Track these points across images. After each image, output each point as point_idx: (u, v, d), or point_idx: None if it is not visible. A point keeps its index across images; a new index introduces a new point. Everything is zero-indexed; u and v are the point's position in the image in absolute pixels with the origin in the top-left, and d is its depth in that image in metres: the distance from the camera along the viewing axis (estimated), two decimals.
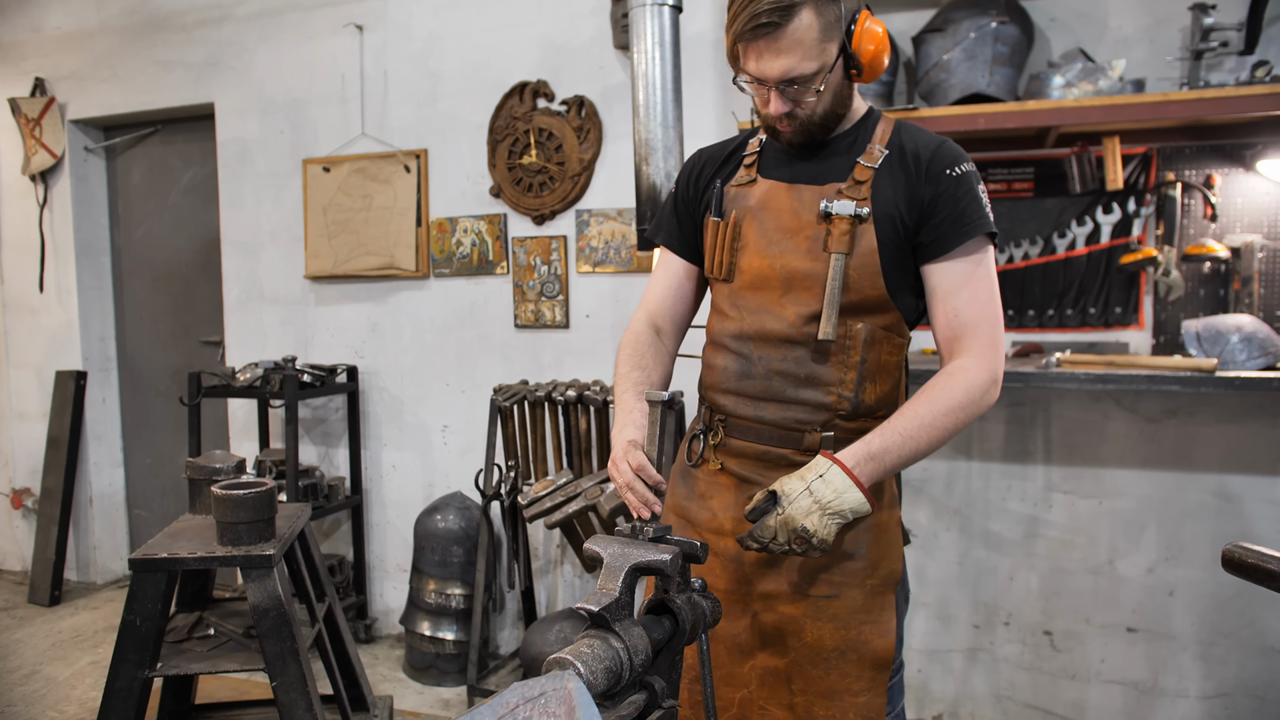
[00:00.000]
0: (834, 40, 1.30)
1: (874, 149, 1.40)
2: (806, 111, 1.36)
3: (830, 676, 1.39)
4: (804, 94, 1.32)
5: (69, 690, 3.28)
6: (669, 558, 1.17)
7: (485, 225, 3.53)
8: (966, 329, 1.34)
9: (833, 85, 1.34)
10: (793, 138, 1.40)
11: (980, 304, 1.35)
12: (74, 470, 4.30)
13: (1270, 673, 2.69)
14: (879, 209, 1.36)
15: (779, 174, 1.46)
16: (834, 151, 1.43)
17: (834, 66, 1.31)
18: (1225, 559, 1.19)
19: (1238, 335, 2.40)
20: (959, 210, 1.34)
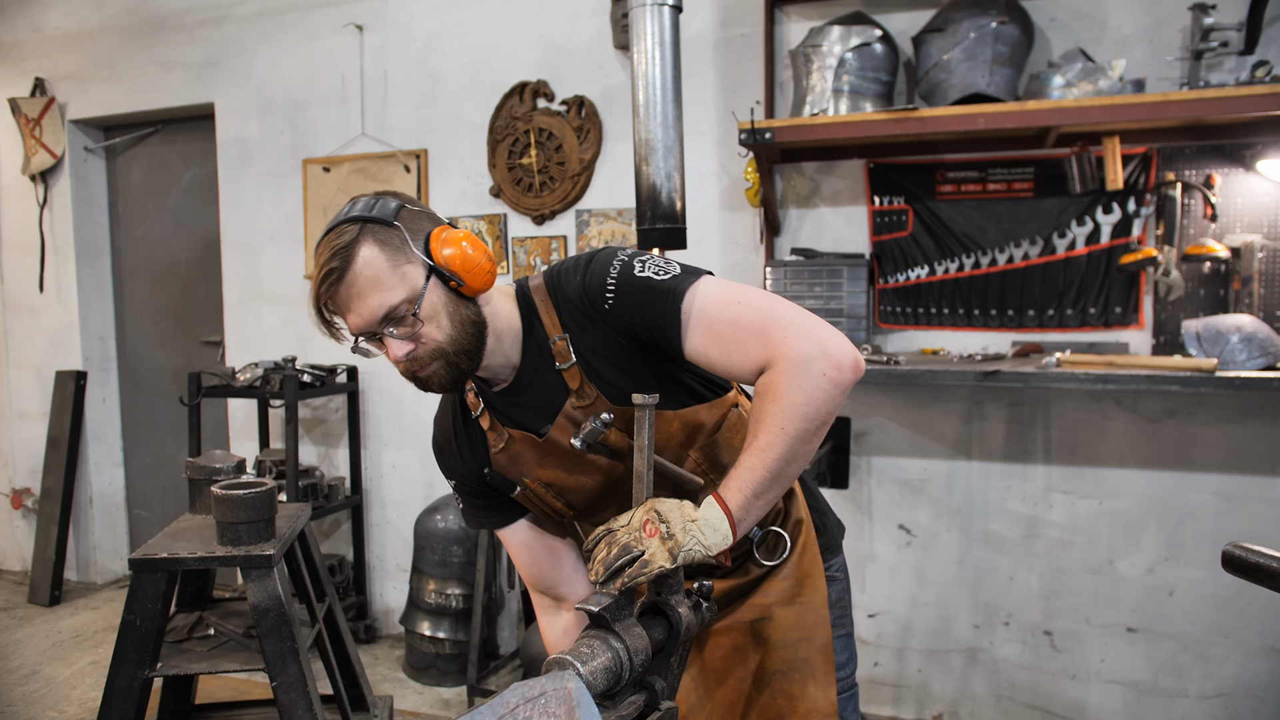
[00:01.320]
0: (411, 261, 1.20)
1: (557, 343, 1.29)
2: (430, 346, 1.23)
3: (777, 700, 1.37)
4: (411, 326, 1.21)
5: (69, 690, 3.28)
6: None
7: (485, 225, 3.53)
8: (752, 364, 1.19)
9: (442, 307, 1.22)
10: (442, 380, 1.27)
11: (729, 338, 1.19)
12: (74, 470, 4.30)
13: (1270, 673, 2.69)
14: (614, 386, 1.28)
15: (519, 424, 1.37)
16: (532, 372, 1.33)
17: (425, 287, 1.21)
18: (1225, 559, 1.19)
19: (1238, 335, 2.40)
20: (649, 316, 1.23)
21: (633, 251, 1.29)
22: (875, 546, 3.06)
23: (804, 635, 1.37)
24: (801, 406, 1.14)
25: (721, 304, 1.21)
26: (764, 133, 2.66)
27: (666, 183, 2.61)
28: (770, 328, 1.17)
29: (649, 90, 2.60)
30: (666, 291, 1.22)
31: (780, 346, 1.16)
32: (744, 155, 2.98)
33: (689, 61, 3.03)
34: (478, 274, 1.23)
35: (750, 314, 1.19)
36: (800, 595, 1.39)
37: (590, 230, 3.36)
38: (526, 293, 1.34)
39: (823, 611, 1.38)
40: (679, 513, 1.16)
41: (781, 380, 1.15)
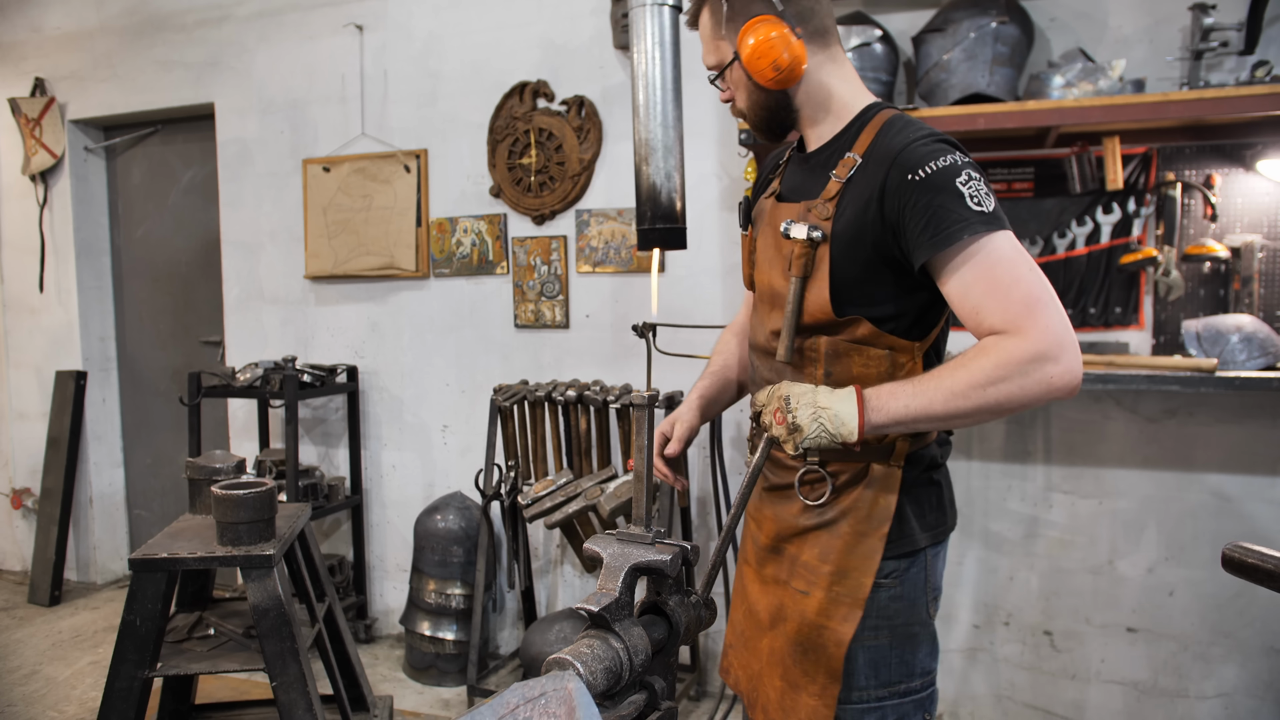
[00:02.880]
0: (725, 39, 1.41)
1: (849, 158, 1.35)
2: (738, 104, 1.46)
3: (796, 669, 1.42)
4: (724, 86, 1.47)
5: (69, 690, 3.29)
6: (668, 558, 1.17)
7: (485, 225, 3.53)
8: (991, 316, 1.20)
9: (742, 85, 1.42)
10: (756, 133, 1.49)
11: (1002, 292, 1.20)
12: (74, 470, 4.31)
13: (1270, 673, 2.69)
14: (841, 226, 1.32)
15: (785, 186, 1.51)
16: (820, 161, 1.42)
17: (731, 64, 1.41)
18: (1225, 559, 1.19)
19: (1238, 335, 2.40)
20: (930, 219, 1.23)
21: (970, 163, 1.27)
22: None
23: (828, 625, 1.38)
24: (1009, 392, 1.16)
25: (1011, 264, 1.21)
26: None
27: (666, 183, 2.60)
28: (1039, 308, 1.18)
29: (649, 90, 2.59)
30: (965, 219, 1.21)
31: (1034, 329, 1.16)
32: (744, 155, 2.98)
33: (689, 61, 3.01)
34: (765, 73, 1.35)
35: (1016, 283, 1.19)
36: (838, 585, 1.38)
37: (590, 230, 3.36)
38: (874, 110, 1.40)
39: (854, 611, 1.37)
40: (809, 399, 1.23)
41: (1013, 354, 1.16)
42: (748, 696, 1.53)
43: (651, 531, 1.21)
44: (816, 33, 1.39)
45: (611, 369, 3.37)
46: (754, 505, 1.57)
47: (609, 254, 3.35)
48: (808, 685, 1.40)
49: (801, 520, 1.44)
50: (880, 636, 1.40)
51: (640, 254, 3.26)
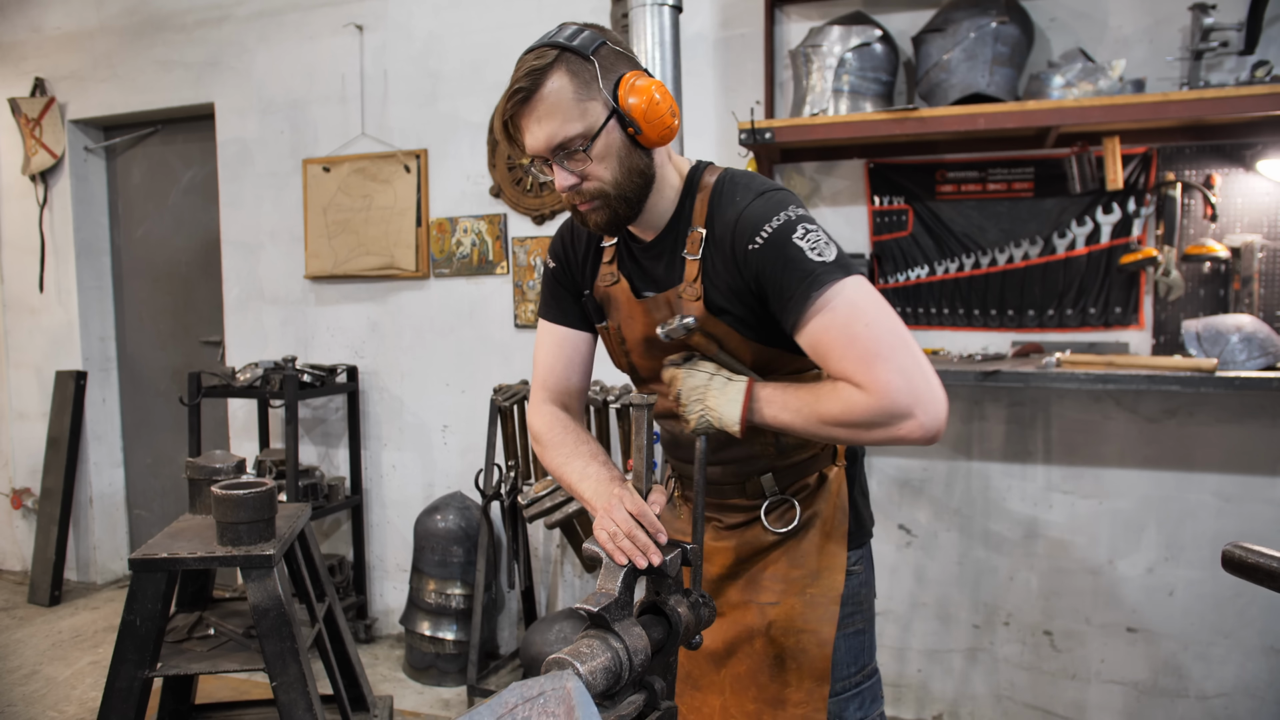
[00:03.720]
0: (595, 99, 1.24)
1: (694, 233, 1.31)
2: (594, 184, 1.27)
3: (773, 685, 1.41)
4: (581, 162, 1.26)
5: (69, 690, 3.29)
6: (668, 559, 1.17)
7: (485, 225, 3.53)
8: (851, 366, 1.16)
9: (614, 151, 1.26)
10: (599, 220, 1.31)
11: (858, 347, 1.16)
12: (74, 470, 4.31)
13: (1270, 673, 2.69)
14: (719, 296, 1.30)
15: (635, 279, 1.42)
16: (666, 245, 1.36)
17: (603, 128, 1.24)
18: (1225, 559, 1.19)
19: (1238, 335, 2.40)
20: (780, 283, 1.21)
21: (803, 214, 1.24)
22: (875, 546, 3.04)
23: (807, 628, 1.39)
24: (859, 436, 1.18)
25: (850, 317, 1.17)
26: (764, 133, 2.66)
27: None
28: (878, 364, 1.14)
29: None
30: (808, 275, 1.19)
31: (874, 385, 1.13)
32: (744, 155, 2.98)
33: (689, 61, 3.03)
34: (657, 126, 1.25)
35: (869, 339, 1.15)
36: (812, 587, 1.41)
37: None
38: (697, 175, 1.36)
39: (832, 608, 1.40)
40: (699, 398, 1.26)
41: (858, 407, 1.15)
42: None
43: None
44: None
45: (611, 369, 3.37)
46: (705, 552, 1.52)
47: None
48: (791, 695, 1.39)
49: (766, 537, 1.46)
50: (857, 622, 1.45)
51: None
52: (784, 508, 1.45)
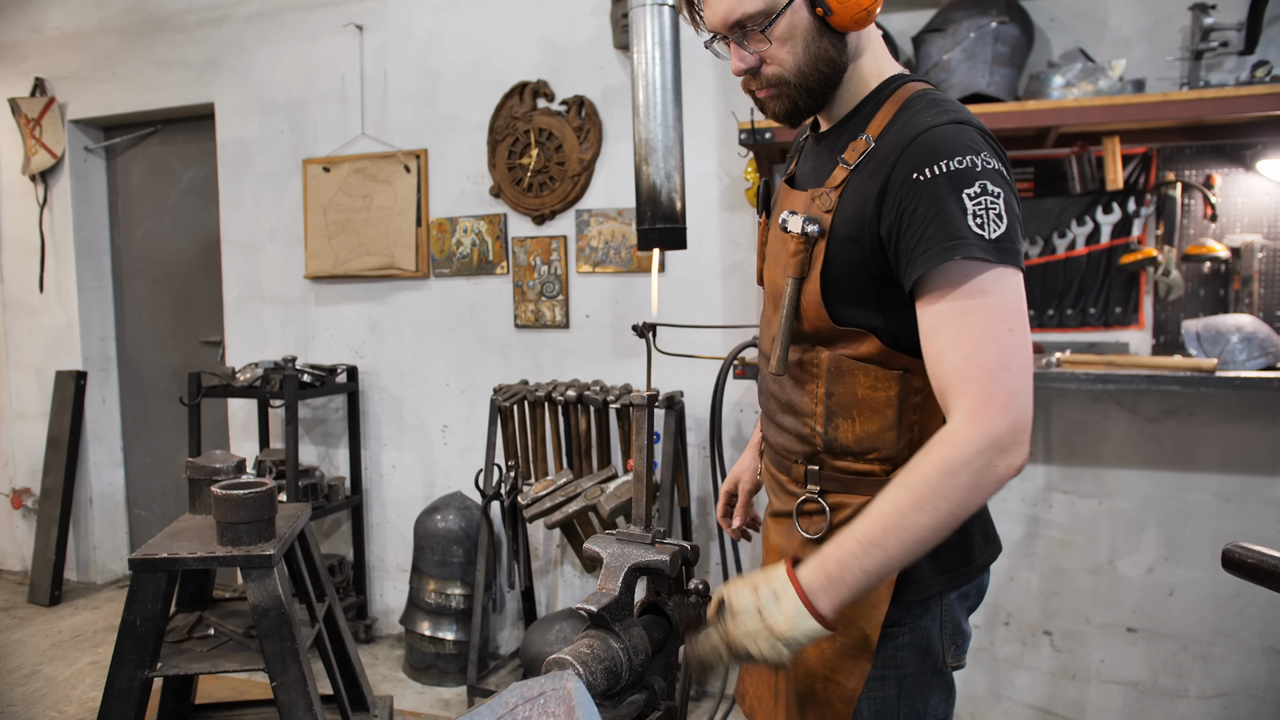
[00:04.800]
0: None
1: (860, 141, 1.15)
2: (774, 68, 1.14)
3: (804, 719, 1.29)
4: (760, 43, 1.12)
5: (69, 690, 3.28)
6: (668, 558, 1.17)
7: (485, 225, 3.53)
8: (953, 381, 1.03)
9: (800, 33, 1.11)
10: (776, 108, 1.18)
11: (969, 346, 1.02)
12: (74, 470, 4.30)
13: (1270, 673, 2.69)
14: (841, 221, 1.14)
15: (799, 170, 1.31)
16: (832, 142, 1.23)
17: (788, 6, 1.10)
18: (1225, 559, 1.19)
19: (1238, 335, 2.40)
20: (924, 229, 1.04)
21: (991, 170, 1.06)
22: None
23: (833, 678, 1.23)
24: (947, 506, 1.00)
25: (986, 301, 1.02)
26: (764, 133, 2.66)
27: (666, 183, 2.61)
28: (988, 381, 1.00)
29: (649, 90, 2.60)
30: (956, 237, 1.01)
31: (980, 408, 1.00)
32: (744, 155, 2.98)
33: (689, 61, 3.02)
34: (852, 6, 1.09)
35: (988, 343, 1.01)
36: (842, 635, 1.21)
37: (590, 230, 3.36)
38: (897, 83, 1.19)
39: (862, 664, 1.21)
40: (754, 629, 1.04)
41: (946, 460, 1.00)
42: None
43: (651, 531, 1.21)
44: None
45: (611, 369, 3.37)
46: (765, 529, 1.43)
47: (609, 254, 3.35)
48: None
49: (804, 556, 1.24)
50: (887, 688, 1.24)
51: (640, 254, 3.26)
52: (817, 511, 1.26)
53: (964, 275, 1.02)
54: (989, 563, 1.29)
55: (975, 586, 1.28)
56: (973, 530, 1.27)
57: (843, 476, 1.22)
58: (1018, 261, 1.04)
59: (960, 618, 1.26)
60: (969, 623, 1.30)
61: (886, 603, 1.20)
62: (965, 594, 1.26)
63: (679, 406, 3.03)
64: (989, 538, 1.31)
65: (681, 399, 3.07)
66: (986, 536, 1.31)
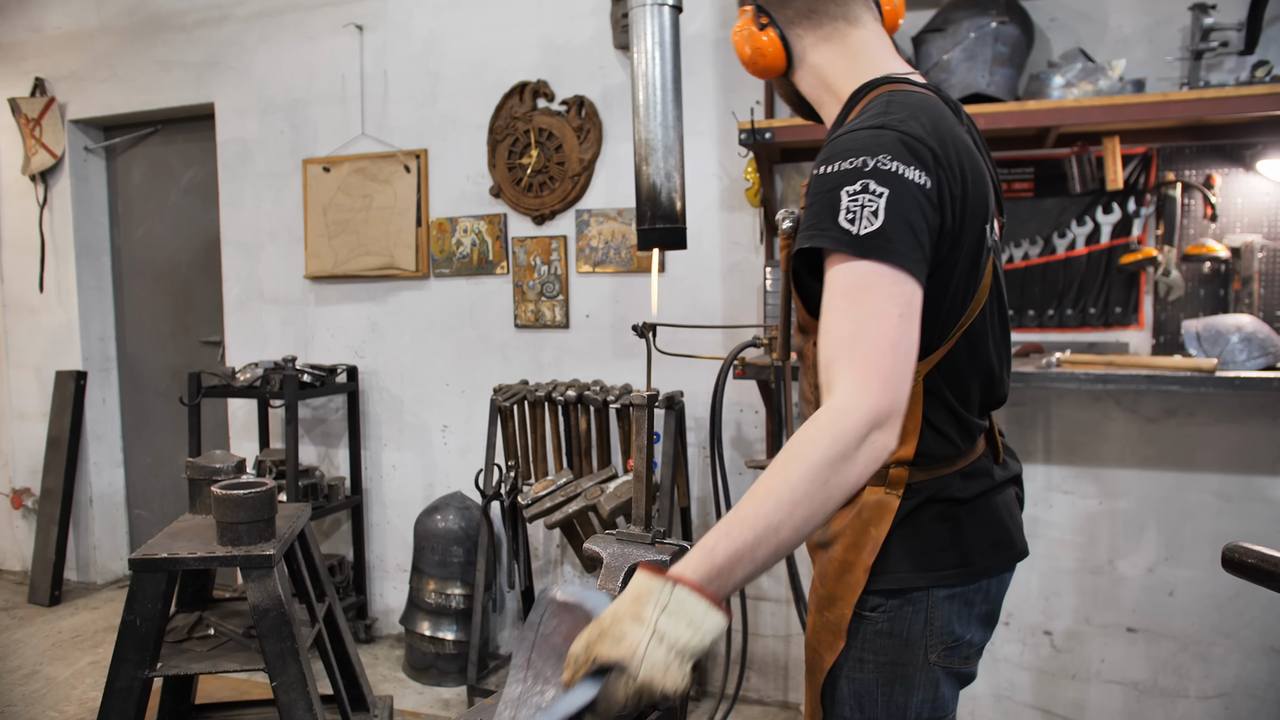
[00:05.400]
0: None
1: None
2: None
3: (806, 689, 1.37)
4: None
5: (69, 690, 3.28)
6: (667, 558, 1.17)
7: (485, 225, 3.53)
8: (832, 362, 1.03)
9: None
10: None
11: (841, 330, 1.03)
12: (74, 470, 4.30)
13: (1270, 673, 2.69)
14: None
15: None
16: None
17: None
18: (1225, 559, 1.19)
19: (1238, 335, 2.39)
20: (808, 218, 1.10)
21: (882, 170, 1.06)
22: None
23: (818, 649, 1.29)
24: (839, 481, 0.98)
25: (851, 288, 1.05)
26: (764, 133, 2.66)
27: (666, 183, 2.60)
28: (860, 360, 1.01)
29: (649, 90, 2.59)
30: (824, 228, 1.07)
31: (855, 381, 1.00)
32: (744, 155, 2.98)
33: (689, 61, 3.03)
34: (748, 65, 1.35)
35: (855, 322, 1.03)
36: (827, 610, 1.28)
37: (590, 230, 3.36)
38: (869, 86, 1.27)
39: (836, 640, 1.25)
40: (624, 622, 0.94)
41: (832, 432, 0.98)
42: None
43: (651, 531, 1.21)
44: (803, 14, 1.29)
45: (611, 369, 3.37)
46: None
47: (609, 254, 3.35)
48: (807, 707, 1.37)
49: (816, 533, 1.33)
50: (865, 670, 1.26)
51: (640, 254, 3.26)
52: None
53: (837, 266, 1.06)
54: (997, 570, 1.27)
55: (978, 592, 1.26)
56: (970, 533, 1.26)
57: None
58: (887, 258, 1.04)
59: (953, 619, 1.25)
60: (978, 630, 1.28)
61: (862, 585, 1.22)
62: (962, 596, 1.25)
63: (679, 406, 3.03)
64: (1000, 545, 1.28)
65: (681, 399, 3.07)
66: (996, 544, 1.28)
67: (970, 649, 1.29)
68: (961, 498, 1.25)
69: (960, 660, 1.28)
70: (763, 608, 3.20)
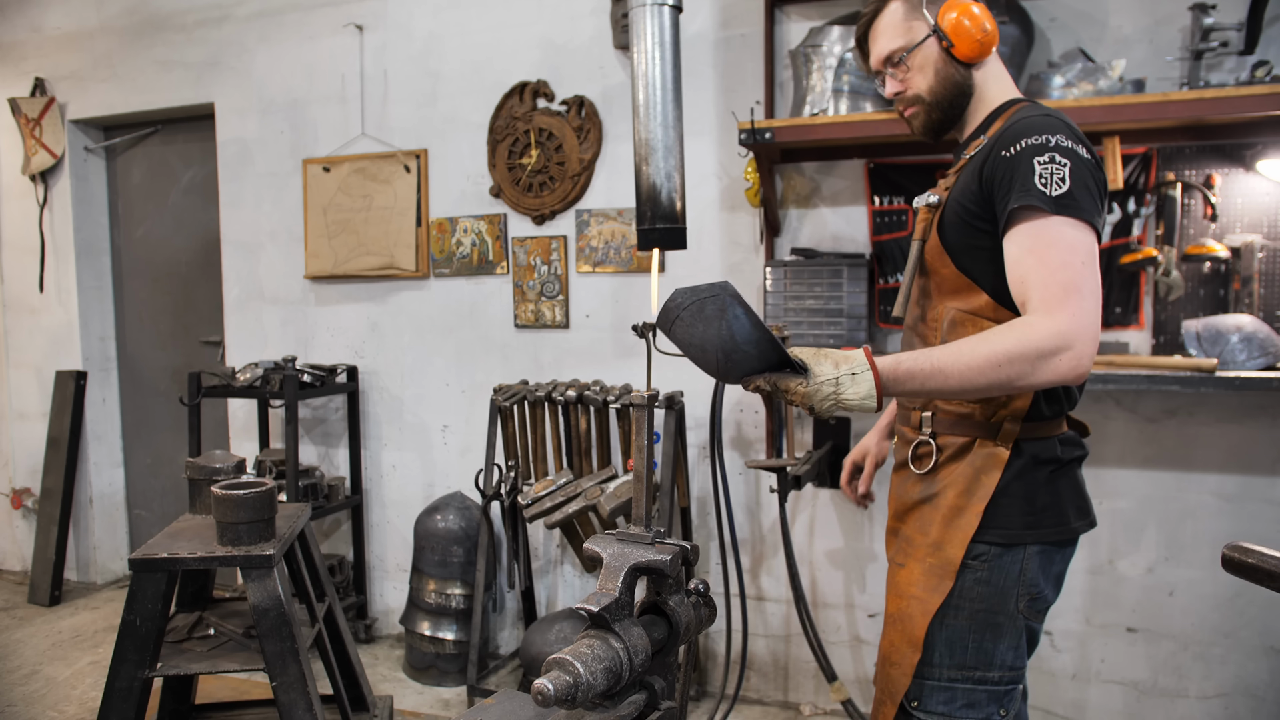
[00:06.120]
0: (919, 19, 1.49)
1: (980, 140, 1.47)
2: (911, 90, 1.52)
3: (885, 640, 1.50)
4: (900, 71, 1.52)
5: (69, 690, 3.28)
6: (668, 558, 1.17)
7: (485, 225, 3.53)
8: (1032, 290, 1.29)
9: (931, 63, 1.49)
10: (916, 124, 1.55)
11: (1048, 268, 1.28)
12: (74, 470, 4.30)
13: (1270, 673, 2.69)
14: (955, 194, 1.45)
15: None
16: (965, 146, 1.55)
17: (923, 42, 1.49)
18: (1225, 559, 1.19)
19: (1238, 335, 2.39)
20: (1007, 188, 1.34)
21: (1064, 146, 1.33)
22: (875, 547, 3.06)
23: (916, 595, 1.45)
24: (1020, 372, 1.23)
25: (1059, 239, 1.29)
26: (764, 133, 2.66)
27: (666, 183, 2.60)
28: (1074, 296, 1.26)
29: (649, 90, 2.59)
30: (1031, 191, 1.31)
31: (1063, 313, 1.24)
32: (744, 155, 2.98)
33: (689, 61, 3.03)
34: (967, 40, 1.46)
35: (1064, 267, 1.28)
36: (931, 556, 1.45)
37: (590, 230, 3.36)
38: (1015, 101, 1.52)
39: (945, 583, 1.42)
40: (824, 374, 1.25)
41: (1034, 336, 1.24)
42: None
43: (651, 531, 1.21)
44: None
45: (611, 369, 3.37)
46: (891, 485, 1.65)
47: (609, 254, 3.35)
48: (892, 655, 1.48)
49: (912, 494, 1.53)
50: (960, 617, 1.43)
51: (640, 254, 3.26)
52: (928, 453, 1.50)
53: (1038, 221, 1.31)
54: (1081, 533, 1.48)
55: (1060, 553, 1.47)
56: (1066, 497, 1.45)
57: (948, 418, 1.47)
58: (1078, 214, 1.30)
59: (1039, 574, 1.44)
60: (1052, 589, 1.48)
61: (973, 531, 1.41)
62: (1049, 554, 1.45)
63: (679, 406, 3.03)
64: (1083, 511, 1.49)
65: (681, 399, 3.07)
66: (1081, 510, 1.49)
67: (1045, 604, 1.48)
68: (1064, 459, 1.45)
69: (1037, 614, 1.46)
70: (764, 608, 3.21)
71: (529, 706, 1.19)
